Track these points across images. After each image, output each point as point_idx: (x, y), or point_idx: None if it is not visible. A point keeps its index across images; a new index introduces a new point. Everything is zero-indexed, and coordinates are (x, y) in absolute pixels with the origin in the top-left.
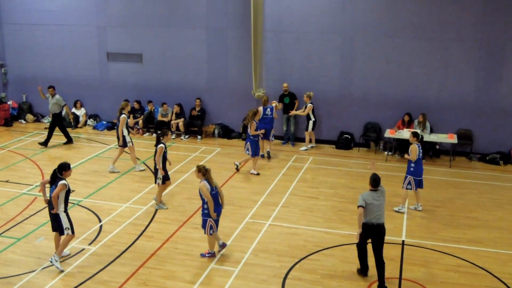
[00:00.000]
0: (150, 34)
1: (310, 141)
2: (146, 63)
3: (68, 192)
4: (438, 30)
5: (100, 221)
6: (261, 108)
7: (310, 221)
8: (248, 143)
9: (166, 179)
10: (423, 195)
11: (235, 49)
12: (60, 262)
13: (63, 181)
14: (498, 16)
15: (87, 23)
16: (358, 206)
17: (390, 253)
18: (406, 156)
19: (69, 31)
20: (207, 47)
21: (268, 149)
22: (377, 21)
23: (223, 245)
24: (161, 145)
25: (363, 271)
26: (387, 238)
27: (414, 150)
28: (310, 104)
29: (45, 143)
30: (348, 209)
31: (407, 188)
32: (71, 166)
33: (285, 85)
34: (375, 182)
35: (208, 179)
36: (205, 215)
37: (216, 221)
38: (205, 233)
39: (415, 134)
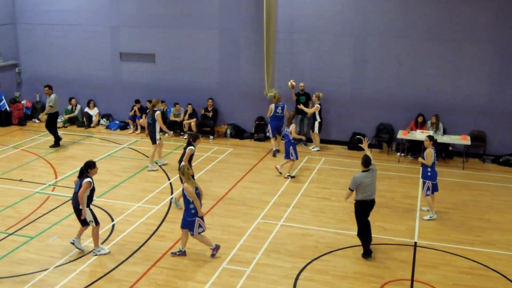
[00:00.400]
0: (163, 34)
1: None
2: (159, 63)
3: (92, 190)
4: (451, 31)
5: (112, 220)
6: (272, 106)
7: (322, 222)
8: (291, 147)
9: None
10: (435, 196)
11: (247, 50)
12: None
13: (88, 179)
14: None
15: (100, 23)
16: (349, 188)
17: (402, 255)
18: (420, 160)
19: (82, 31)
20: (220, 48)
21: (277, 147)
22: (389, 22)
23: (217, 248)
24: (191, 147)
25: (367, 253)
26: (399, 240)
27: (430, 155)
28: (318, 105)
29: (56, 144)
30: None
31: (427, 195)
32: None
33: (301, 84)
34: (366, 163)
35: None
36: (192, 215)
37: (202, 219)
38: (193, 235)
39: (431, 138)
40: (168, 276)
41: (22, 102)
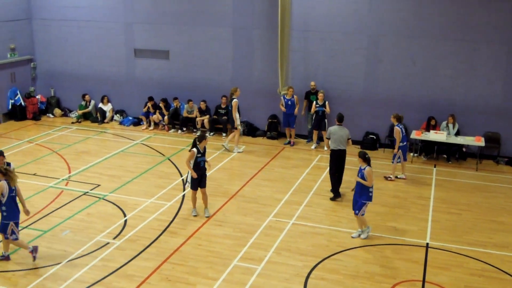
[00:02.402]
0: (177, 31)
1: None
2: (173, 60)
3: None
4: (465, 31)
5: (125, 215)
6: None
7: (333, 221)
8: (400, 150)
9: (193, 187)
10: (448, 197)
11: (260, 47)
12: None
13: None
14: None
15: (114, 19)
16: (326, 137)
17: (414, 255)
18: (358, 179)
19: (97, 27)
20: (233, 45)
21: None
22: (403, 22)
23: (34, 249)
24: (194, 149)
25: (334, 191)
26: (411, 240)
27: (371, 174)
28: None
29: None
30: (372, 210)
31: (362, 215)
32: (98, 160)
33: (312, 83)
34: (340, 118)
35: (8, 180)
36: (5, 218)
37: (17, 224)
38: (6, 238)
39: (364, 158)
40: (180, 272)
41: (37, 96)
